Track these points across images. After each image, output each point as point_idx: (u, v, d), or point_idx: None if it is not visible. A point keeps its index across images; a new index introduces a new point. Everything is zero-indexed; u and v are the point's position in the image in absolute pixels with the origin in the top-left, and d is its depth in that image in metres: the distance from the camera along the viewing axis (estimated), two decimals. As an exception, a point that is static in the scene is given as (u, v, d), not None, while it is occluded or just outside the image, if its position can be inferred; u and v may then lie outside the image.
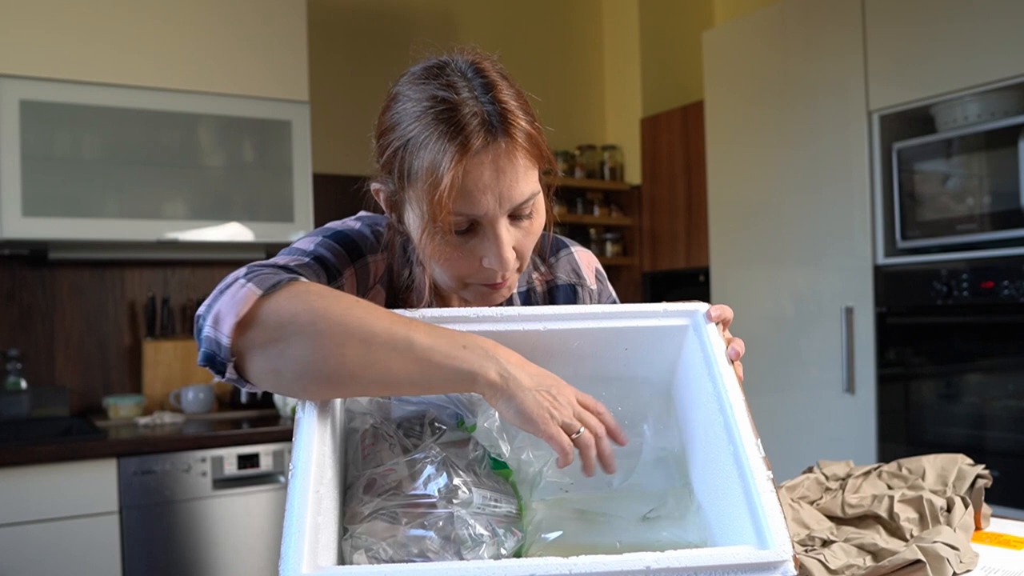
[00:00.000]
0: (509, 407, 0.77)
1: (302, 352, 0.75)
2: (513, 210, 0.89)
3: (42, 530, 2.24)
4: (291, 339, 0.75)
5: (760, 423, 0.84)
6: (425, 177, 0.86)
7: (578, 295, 1.11)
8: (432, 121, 0.86)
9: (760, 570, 0.66)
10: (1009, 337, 2.29)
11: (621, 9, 3.86)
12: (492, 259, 0.90)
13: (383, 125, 0.94)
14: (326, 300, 0.77)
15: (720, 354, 0.85)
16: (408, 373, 0.76)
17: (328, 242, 0.96)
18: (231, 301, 0.76)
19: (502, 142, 0.86)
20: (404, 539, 0.73)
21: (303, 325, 0.75)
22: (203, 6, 2.72)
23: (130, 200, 2.62)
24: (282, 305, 0.76)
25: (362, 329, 0.75)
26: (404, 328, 0.77)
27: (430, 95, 0.87)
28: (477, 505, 0.77)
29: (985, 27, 2.31)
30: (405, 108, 0.90)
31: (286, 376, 0.76)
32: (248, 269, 0.81)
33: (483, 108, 0.86)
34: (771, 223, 2.90)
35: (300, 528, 0.66)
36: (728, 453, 0.77)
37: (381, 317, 0.77)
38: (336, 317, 0.75)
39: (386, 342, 0.76)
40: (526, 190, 0.89)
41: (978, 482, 1.12)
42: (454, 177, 0.84)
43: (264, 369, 0.76)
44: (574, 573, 0.64)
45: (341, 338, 0.75)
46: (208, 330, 0.76)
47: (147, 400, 2.87)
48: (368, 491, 0.78)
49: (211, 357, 0.77)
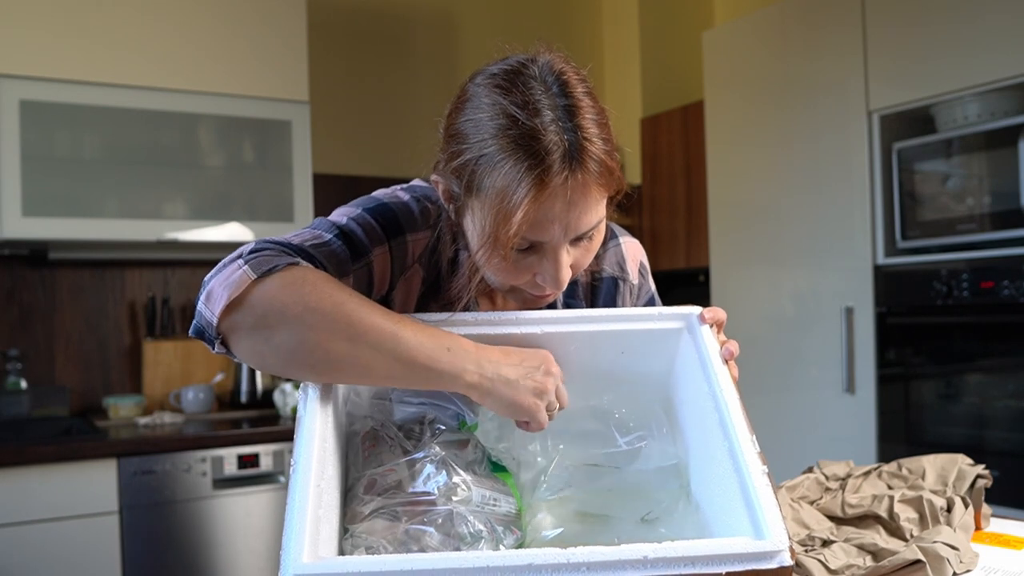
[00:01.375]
0: (498, 404, 0.81)
1: (288, 341, 0.77)
2: (578, 236, 0.89)
3: (42, 530, 2.24)
4: (279, 327, 0.77)
5: (760, 423, 0.85)
6: (496, 200, 0.83)
7: (619, 288, 1.10)
8: (511, 144, 0.82)
9: (756, 560, 0.66)
10: (1009, 337, 2.29)
11: (621, 9, 3.86)
12: (546, 278, 0.89)
13: (454, 128, 0.89)
14: (319, 292, 0.77)
15: (715, 355, 0.87)
16: (390, 371, 0.78)
17: (365, 216, 0.93)
18: (225, 281, 0.77)
19: (579, 175, 0.83)
20: (404, 536, 0.73)
21: (292, 316, 0.76)
22: (203, 6, 2.72)
23: (130, 200, 2.62)
24: (273, 293, 0.77)
25: (350, 326, 0.77)
26: (392, 326, 0.78)
27: (509, 113, 0.83)
28: (476, 503, 0.77)
29: (985, 27, 2.31)
30: (480, 119, 0.85)
31: (270, 360, 0.79)
32: (253, 246, 0.82)
33: (564, 138, 0.82)
34: (771, 223, 2.90)
35: (301, 520, 0.67)
36: (724, 450, 0.78)
37: (371, 313, 0.78)
38: (326, 311, 0.77)
39: (372, 340, 0.77)
40: (594, 219, 0.88)
41: (978, 482, 1.12)
42: (528, 211, 0.81)
43: (250, 350, 0.79)
44: (572, 562, 0.64)
45: (328, 332, 0.76)
46: (200, 305, 0.79)
47: (147, 400, 2.87)
48: (368, 491, 0.78)
49: (200, 331, 0.80)
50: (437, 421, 0.85)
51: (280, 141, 2.83)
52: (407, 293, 0.97)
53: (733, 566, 0.66)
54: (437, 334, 0.80)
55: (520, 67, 0.86)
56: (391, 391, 0.88)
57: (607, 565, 0.65)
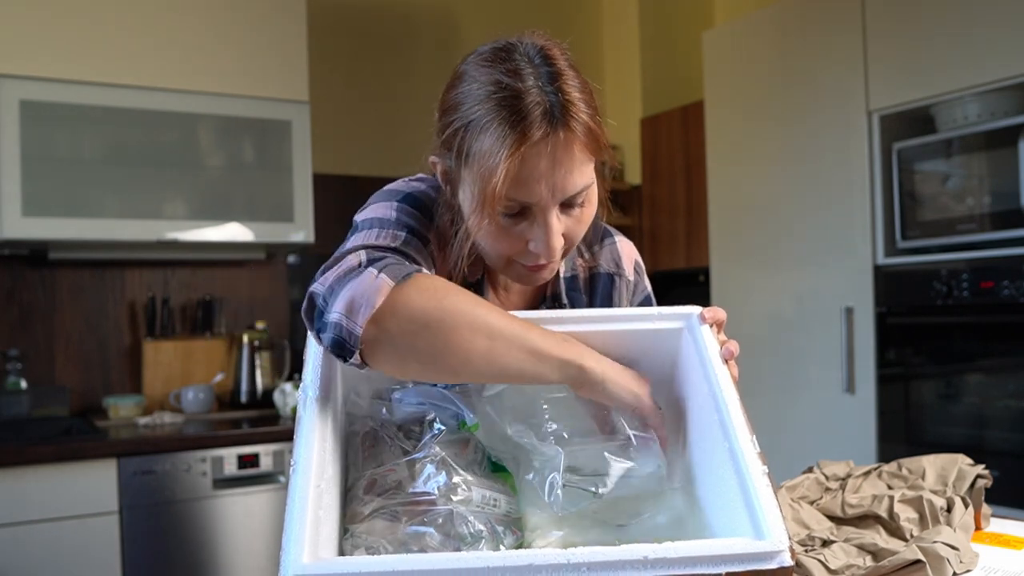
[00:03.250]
0: (611, 386, 0.85)
1: (432, 345, 0.79)
2: (565, 200, 0.92)
3: (42, 530, 2.24)
4: (422, 332, 0.79)
5: (760, 423, 0.85)
6: (482, 160, 0.87)
7: (615, 284, 1.14)
8: (495, 106, 0.87)
9: (756, 560, 0.66)
10: (1009, 337, 2.29)
11: (621, 9, 3.86)
12: (539, 244, 0.92)
13: (446, 103, 0.94)
14: (452, 297, 0.81)
15: (714, 355, 0.86)
16: (523, 364, 0.82)
17: (405, 207, 0.98)
18: (366, 291, 0.77)
19: (561, 133, 0.87)
20: (404, 536, 0.73)
21: (435, 320, 0.79)
22: (203, 6, 2.72)
23: (130, 200, 2.62)
24: (414, 299, 0.79)
25: (487, 326, 0.80)
26: (520, 326, 0.83)
27: (495, 80, 0.88)
28: (477, 503, 0.77)
29: (985, 27, 2.31)
30: (470, 89, 0.90)
31: (412, 365, 0.81)
32: (370, 256, 0.83)
33: (547, 98, 0.87)
34: (771, 223, 2.90)
35: (301, 520, 0.67)
36: (724, 450, 0.78)
37: (500, 315, 0.83)
38: (464, 312, 0.80)
39: (507, 337, 0.81)
40: (580, 182, 0.91)
41: (978, 482, 1.12)
42: (510, 165, 0.86)
43: (391, 358, 0.80)
44: (572, 562, 0.64)
45: (468, 333, 0.79)
46: (338, 316, 0.78)
47: (147, 400, 2.87)
48: (368, 491, 0.78)
49: (341, 344, 0.78)
50: (437, 421, 0.85)
51: (280, 141, 2.83)
52: None
53: (733, 566, 0.66)
54: (553, 332, 0.86)
55: (507, 44, 0.93)
56: (391, 392, 0.88)
57: (607, 565, 0.65)
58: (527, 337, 0.82)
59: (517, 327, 0.82)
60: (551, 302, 1.09)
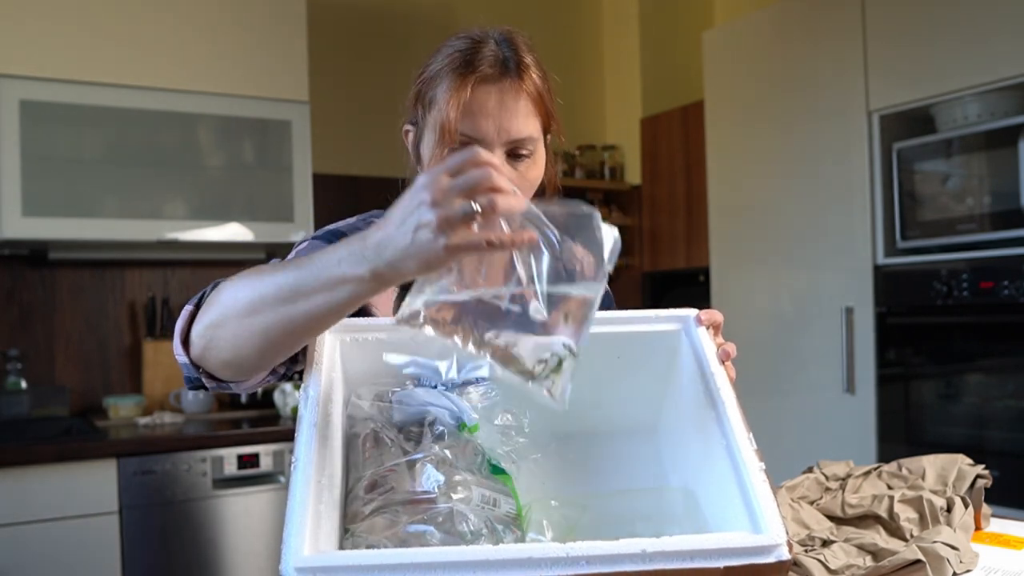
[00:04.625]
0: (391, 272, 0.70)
1: (227, 338, 0.81)
2: (511, 146, 0.99)
3: (42, 530, 2.24)
4: (217, 332, 0.82)
5: (760, 423, 0.85)
6: (439, 97, 0.98)
7: None
8: (454, 55, 0.99)
9: (754, 554, 0.67)
10: (1009, 337, 2.29)
11: (621, 9, 3.86)
12: None
13: (419, 76, 1.05)
14: (225, 288, 0.82)
15: (711, 355, 0.87)
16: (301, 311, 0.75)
17: (314, 242, 1.02)
18: (178, 325, 0.87)
19: (509, 81, 0.98)
20: (404, 535, 0.74)
21: (217, 318, 0.81)
22: (203, 6, 2.72)
23: (130, 200, 2.62)
24: (204, 313, 0.83)
25: (251, 302, 0.78)
26: (283, 275, 0.76)
27: (458, 46, 1.01)
28: (477, 502, 0.78)
29: (985, 27, 2.31)
30: (436, 57, 1.03)
31: (238, 357, 0.82)
32: (201, 294, 0.90)
33: (501, 52, 1.00)
34: (771, 223, 2.90)
35: (302, 515, 0.67)
36: (721, 447, 0.79)
37: (268, 276, 0.78)
38: (233, 300, 0.80)
39: (269, 302, 0.76)
40: (524, 130, 0.99)
41: (978, 482, 1.12)
42: (462, 96, 0.95)
43: (218, 363, 0.84)
44: (571, 556, 0.64)
45: (242, 318, 0.79)
46: (177, 355, 0.87)
47: (147, 400, 2.87)
48: (369, 491, 0.79)
49: (189, 380, 0.88)
50: (437, 422, 0.85)
51: (280, 141, 2.83)
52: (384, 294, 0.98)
53: (731, 560, 0.66)
54: (331, 249, 0.75)
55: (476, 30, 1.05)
56: (392, 394, 0.88)
57: (606, 559, 0.65)
58: (290, 287, 0.74)
59: (280, 279, 0.75)
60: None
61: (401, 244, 0.67)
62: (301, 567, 0.63)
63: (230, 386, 0.90)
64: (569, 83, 3.81)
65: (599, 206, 3.70)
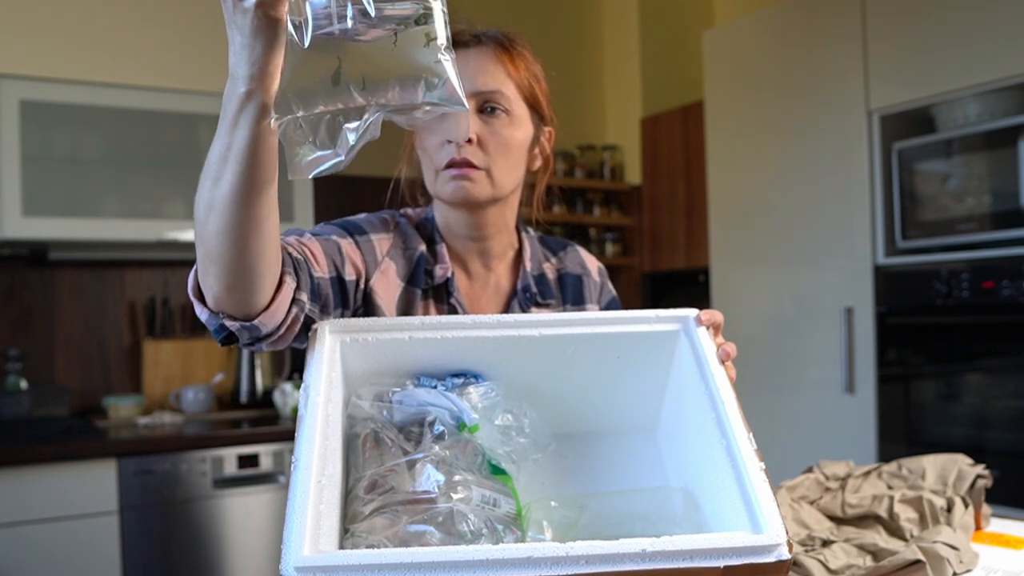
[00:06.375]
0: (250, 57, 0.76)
1: (214, 256, 0.78)
2: (480, 100, 1.04)
3: (42, 530, 2.24)
4: (205, 262, 0.80)
5: (760, 423, 0.85)
6: None
7: (584, 284, 1.21)
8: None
9: (754, 554, 0.67)
10: (1009, 337, 2.29)
11: (621, 9, 3.86)
12: (452, 132, 1.01)
13: None
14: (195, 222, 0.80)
15: (711, 356, 0.88)
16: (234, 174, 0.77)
17: (328, 226, 1.07)
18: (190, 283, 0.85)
19: (486, 44, 1.05)
20: (404, 535, 0.74)
21: (202, 257, 0.80)
22: (203, 6, 2.72)
23: (130, 200, 2.62)
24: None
25: (203, 205, 0.78)
26: (206, 165, 0.79)
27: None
28: (477, 502, 0.78)
29: (985, 27, 2.31)
30: None
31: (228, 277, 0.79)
32: None
33: (485, 30, 1.06)
34: (771, 223, 2.90)
35: (303, 515, 0.67)
36: (721, 447, 0.79)
37: (201, 179, 0.80)
38: (199, 228, 0.79)
39: (212, 185, 0.78)
40: (492, 83, 1.04)
41: (978, 482, 1.12)
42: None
43: (223, 293, 0.80)
44: (571, 555, 0.64)
45: (205, 224, 0.78)
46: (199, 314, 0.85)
47: (147, 400, 2.87)
48: (369, 491, 0.79)
49: (215, 331, 0.83)
50: (437, 423, 0.85)
51: (280, 141, 2.82)
52: (387, 283, 1.07)
53: (731, 559, 0.66)
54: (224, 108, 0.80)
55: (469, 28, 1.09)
56: (392, 394, 0.89)
57: (606, 558, 0.65)
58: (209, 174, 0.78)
59: (204, 180, 0.78)
60: (521, 294, 1.15)
61: (236, 40, 0.75)
62: (301, 567, 0.63)
63: (257, 327, 0.83)
64: (569, 83, 3.81)
65: (599, 206, 3.70)
